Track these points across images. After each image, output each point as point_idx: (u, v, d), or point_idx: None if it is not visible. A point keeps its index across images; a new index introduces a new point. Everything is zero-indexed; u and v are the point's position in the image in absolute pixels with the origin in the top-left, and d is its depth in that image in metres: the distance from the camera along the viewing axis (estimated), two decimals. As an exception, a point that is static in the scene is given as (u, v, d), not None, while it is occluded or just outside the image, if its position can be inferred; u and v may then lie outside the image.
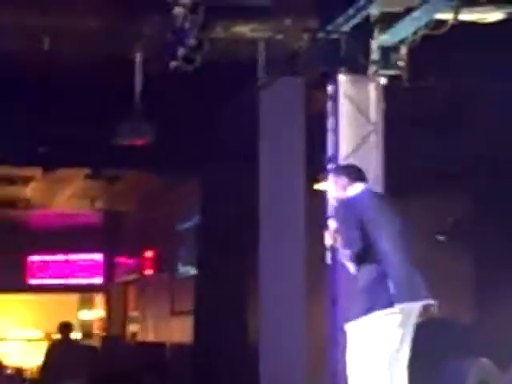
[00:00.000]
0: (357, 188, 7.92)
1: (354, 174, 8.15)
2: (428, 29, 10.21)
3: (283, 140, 12.69)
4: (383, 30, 10.61)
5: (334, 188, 8.18)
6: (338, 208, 8.04)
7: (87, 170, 18.44)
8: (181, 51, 10.84)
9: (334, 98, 11.44)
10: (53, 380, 13.78)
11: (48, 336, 21.78)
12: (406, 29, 10.47)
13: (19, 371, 18.93)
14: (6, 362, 18.86)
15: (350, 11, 10.24)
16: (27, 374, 18.73)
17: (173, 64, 11.60)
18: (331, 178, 8.35)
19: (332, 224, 7.86)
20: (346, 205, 7.89)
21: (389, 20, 10.45)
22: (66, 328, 15.89)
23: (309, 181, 11.77)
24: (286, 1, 11.31)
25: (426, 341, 8.20)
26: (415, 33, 10.48)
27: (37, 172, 18.45)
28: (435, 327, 9.36)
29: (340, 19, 10.53)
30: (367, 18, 10.39)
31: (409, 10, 10.19)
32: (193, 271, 17.37)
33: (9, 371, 17.05)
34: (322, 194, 10.80)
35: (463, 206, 17.14)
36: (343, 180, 8.00)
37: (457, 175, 15.76)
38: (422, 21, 10.12)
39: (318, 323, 11.87)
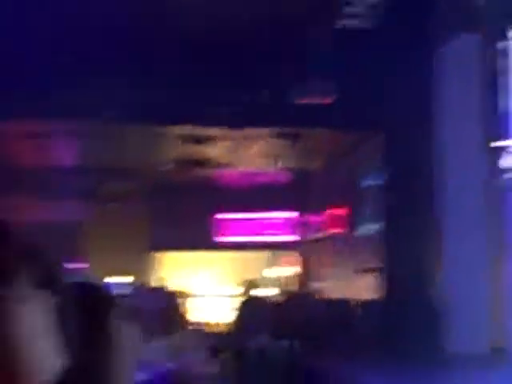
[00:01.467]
0: None
1: None
2: None
3: (460, 97, 12.66)
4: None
5: None
6: None
7: (272, 129, 18.53)
8: (359, 9, 10.86)
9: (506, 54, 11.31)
10: (240, 335, 14.05)
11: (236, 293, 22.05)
12: None
13: (206, 325, 19.27)
14: (193, 318, 19.25)
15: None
16: (213, 329, 19.03)
17: (353, 21, 11.68)
18: None
19: None
20: None
21: None
22: (251, 285, 16.24)
23: (485, 138, 11.60)
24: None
25: None
26: None
27: (222, 132, 18.67)
28: None
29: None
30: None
31: None
32: (378, 228, 17.39)
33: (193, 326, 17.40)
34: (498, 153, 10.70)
35: None
36: None
37: None
38: None
39: (498, 282, 11.82)
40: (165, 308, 7.46)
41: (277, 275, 27.06)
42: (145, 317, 6.79)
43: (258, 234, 26.54)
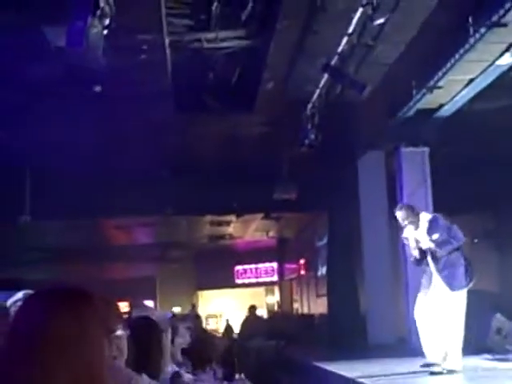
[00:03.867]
0: (425, 213, 7.68)
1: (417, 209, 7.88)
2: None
3: (372, 190, 12.59)
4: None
5: (407, 217, 7.65)
6: (438, 221, 7.51)
7: (262, 214, 18.41)
8: (306, 141, 10.76)
9: (400, 164, 11.25)
10: (245, 337, 13.73)
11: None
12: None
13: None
14: (220, 330, 18.87)
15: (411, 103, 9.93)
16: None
17: (303, 148, 11.58)
18: (404, 213, 7.74)
19: (412, 244, 7.52)
20: (439, 219, 7.52)
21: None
22: (252, 308, 15.96)
23: (389, 214, 11.40)
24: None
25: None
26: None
27: (232, 217, 18.57)
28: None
29: (405, 109, 10.24)
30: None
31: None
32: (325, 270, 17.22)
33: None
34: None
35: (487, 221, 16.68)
36: (415, 212, 7.67)
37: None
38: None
39: (400, 300, 11.59)
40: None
41: (272, 301, 26.86)
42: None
43: (257, 277, 26.43)
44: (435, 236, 7.41)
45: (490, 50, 7.97)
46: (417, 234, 7.56)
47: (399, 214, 7.79)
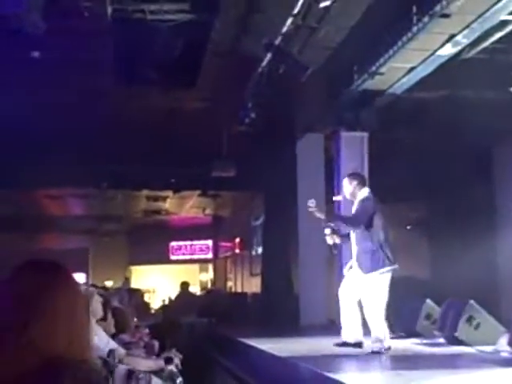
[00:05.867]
0: (366, 190, 7.66)
1: (363, 179, 7.92)
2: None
3: (310, 170, 12.68)
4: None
5: (349, 188, 7.67)
6: (368, 199, 7.51)
7: (199, 191, 18.44)
8: (246, 120, 10.80)
9: (339, 148, 11.35)
10: (174, 315, 13.73)
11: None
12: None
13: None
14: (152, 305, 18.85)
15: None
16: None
17: (244, 127, 11.62)
18: (348, 181, 7.72)
19: (327, 231, 7.56)
20: (369, 198, 7.53)
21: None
22: (184, 284, 15.96)
23: (326, 198, 11.53)
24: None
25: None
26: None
27: (169, 193, 18.56)
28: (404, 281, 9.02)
29: (345, 93, 10.36)
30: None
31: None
32: (261, 250, 17.34)
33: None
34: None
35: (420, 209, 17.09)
36: (356, 182, 7.66)
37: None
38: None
39: (333, 282, 11.76)
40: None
41: (206, 278, 26.95)
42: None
43: (192, 254, 26.47)
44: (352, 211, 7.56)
45: (432, 39, 8.14)
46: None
47: (345, 182, 7.83)
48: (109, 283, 21.21)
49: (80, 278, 20.79)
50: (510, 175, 12.85)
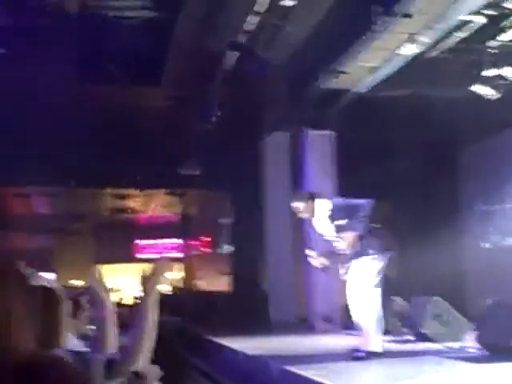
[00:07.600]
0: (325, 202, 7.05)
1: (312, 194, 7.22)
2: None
3: (277, 174, 12.66)
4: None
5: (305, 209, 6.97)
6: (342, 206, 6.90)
7: (166, 190, 18.40)
8: (212, 118, 10.84)
9: (304, 146, 11.37)
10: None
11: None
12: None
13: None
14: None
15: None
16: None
17: (209, 125, 11.64)
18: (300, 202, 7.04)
19: (312, 253, 6.94)
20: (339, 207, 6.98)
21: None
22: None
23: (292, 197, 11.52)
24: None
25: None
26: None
27: (136, 192, 18.48)
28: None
29: (309, 92, 10.41)
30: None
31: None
32: (230, 249, 17.35)
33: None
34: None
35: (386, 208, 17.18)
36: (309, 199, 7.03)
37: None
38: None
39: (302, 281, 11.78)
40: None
41: (175, 277, 26.88)
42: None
43: (159, 252, 26.38)
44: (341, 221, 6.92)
45: (395, 39, 8.24)
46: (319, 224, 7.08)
47: (297, 205, 7.17)
48: (76, 282, 21.08)
49: (49, 277, 20.62)
50: (474, 173, 13.01)
